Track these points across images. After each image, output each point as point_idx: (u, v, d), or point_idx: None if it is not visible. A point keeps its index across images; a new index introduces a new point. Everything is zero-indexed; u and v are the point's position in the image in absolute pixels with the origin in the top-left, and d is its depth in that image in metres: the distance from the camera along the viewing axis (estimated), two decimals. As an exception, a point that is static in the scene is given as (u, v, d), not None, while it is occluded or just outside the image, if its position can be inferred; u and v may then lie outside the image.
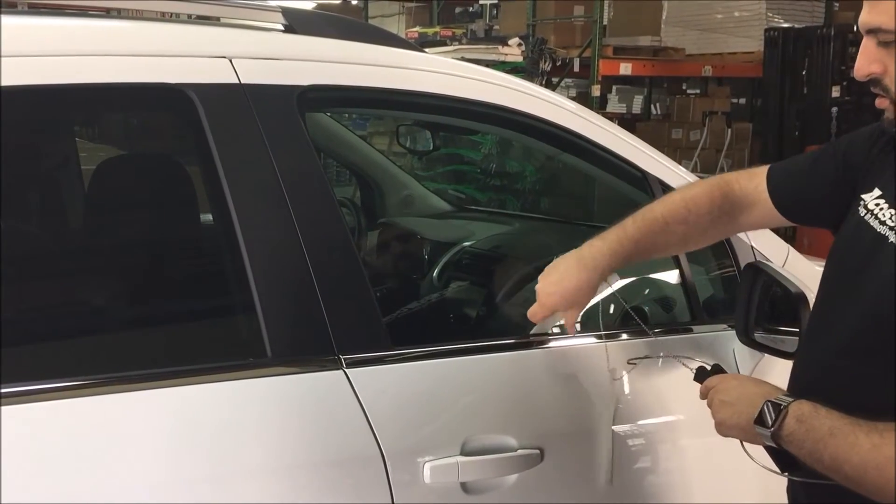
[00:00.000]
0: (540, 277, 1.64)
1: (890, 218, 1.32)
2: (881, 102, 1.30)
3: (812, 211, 1.58)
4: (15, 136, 1.47)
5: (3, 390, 1.26)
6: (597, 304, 2.18)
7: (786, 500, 1.49)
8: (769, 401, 1.31)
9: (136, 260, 1.63)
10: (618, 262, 1.61)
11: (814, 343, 1.45)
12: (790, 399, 1.30)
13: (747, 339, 1.83)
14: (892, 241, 1.30)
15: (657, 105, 10.23)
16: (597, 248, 1.61)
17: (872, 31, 1.27)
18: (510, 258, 2.62)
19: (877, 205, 1.36)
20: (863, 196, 1.39)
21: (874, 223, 1.34)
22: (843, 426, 1.23)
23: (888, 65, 1.26)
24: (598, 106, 8.40)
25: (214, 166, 1.49)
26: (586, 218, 4.15)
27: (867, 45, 1.28)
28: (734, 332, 1.86)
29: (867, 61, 1.28)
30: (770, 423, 1.29)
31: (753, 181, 1.62)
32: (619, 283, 1.71)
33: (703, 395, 1.47)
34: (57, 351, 1.44)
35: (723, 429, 1.40)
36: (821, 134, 7.95)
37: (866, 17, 1.28)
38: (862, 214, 1.38)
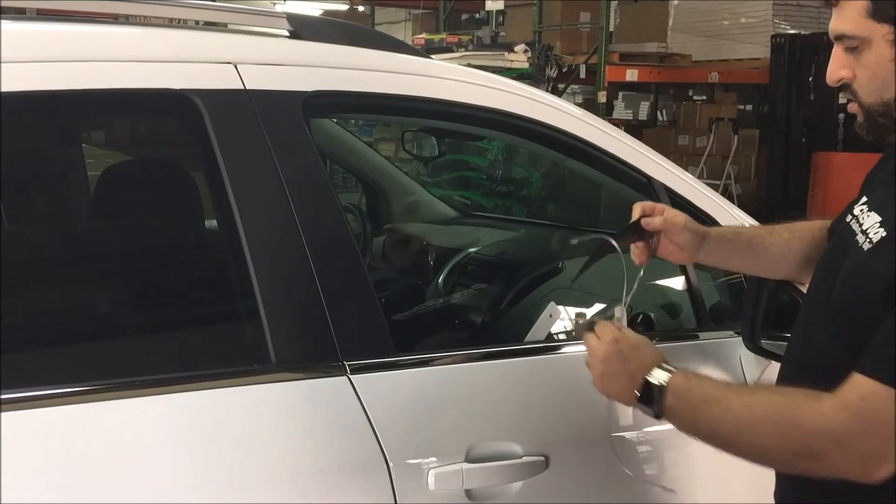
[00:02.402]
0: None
1: (866, 220, 1.34)
2: (852, 107, 1.36)
3: None
4: (22, 142, 1.47)
5: (9, 395, 1.26)
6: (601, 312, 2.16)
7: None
8: (648, 380, 1.33)
9: (141, 266, 1.63)
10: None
11: (793, 345, 1.49)
12: (667, 374, 1.32)
13: (754, 346, 1.83)
14: (857, 238, 1.32)
15: (663, 111, 10.22)
16: None
17: (839, 38, 1.32)
18: (516, 264, 2.61)
19: (861, 210, 1.38)
20: (854, 206, 1.42)
21: (855, 226, 1.37)
22: (714, 392, 1.29)
23: (856, 70, 1.31)
24: (605, 112, 8.39)
25: (219, 172, 1.48)
26: (592, 224, 4.15)
27: (837, 52, 1.34)
28: (741, 338, 1.86)
29: (837, 67, 1.34)
30: (652, 402, 1.32)
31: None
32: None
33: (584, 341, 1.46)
34: (60, 356, 1.44)
35: (604, 393, 1.41)
36: (827, 141, 7.94)
37: (833, 25, 1.33)
38: (848, 220, 1.40)
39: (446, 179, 6.29)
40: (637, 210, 1.59)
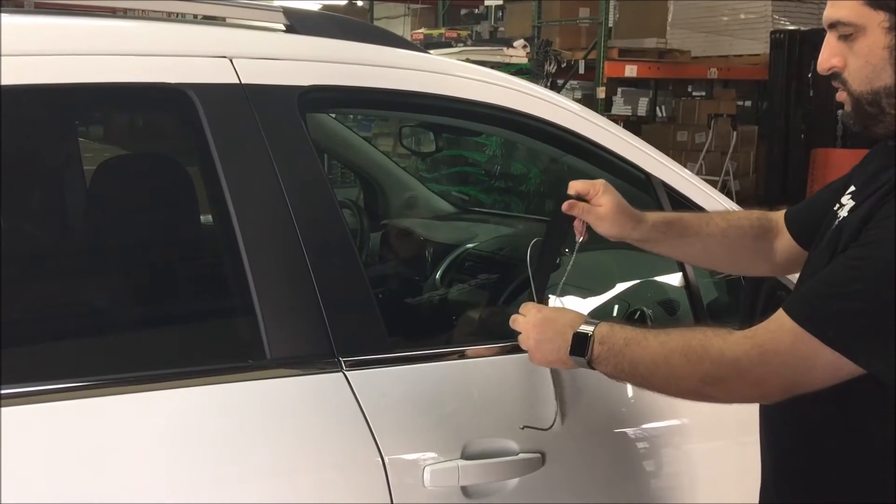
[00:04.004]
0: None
1: (850, 208, 1.35)
2: (840, 96, 1.36)
3: (813, 232, 1.52)
4: (17, 136, 1.47)
5: (3, 391, 1.25)
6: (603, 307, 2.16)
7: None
8: (576, 332, 1.42)
9: (135, 261, 1.62)
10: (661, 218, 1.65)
11: None
12: (592, 326, 1.41)
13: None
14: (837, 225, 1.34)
15: (662, 107, 10.21)
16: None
17: (833, 26, 1.32)
18: (513, 260, 2.60)
19: (849, 198, 1.39)
20: (842, 198, 1.42)
21: (841, 213, 1.38)
22: (634, 334, 1.38)
23: (847, 58, 1.32)
24: (604, 108, 8.38)
25: (214, 167, 1.48)
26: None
27: (829, 40, 1.34)
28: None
29: (829, 55, 1.34)
30: (584, 352, 1.41)
31: (781, 212, 1.67)
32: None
33: (513, 325, 1.54)
34: (55, 352, 1.44)
35: (541, 361, 1.51)
36: (826, 137, 7.93)
37: (828, 12, 1.33)
38: (836, 208, 1.41)
39: (444, 175, 6.28)
40: (570, 190, 1.62)
